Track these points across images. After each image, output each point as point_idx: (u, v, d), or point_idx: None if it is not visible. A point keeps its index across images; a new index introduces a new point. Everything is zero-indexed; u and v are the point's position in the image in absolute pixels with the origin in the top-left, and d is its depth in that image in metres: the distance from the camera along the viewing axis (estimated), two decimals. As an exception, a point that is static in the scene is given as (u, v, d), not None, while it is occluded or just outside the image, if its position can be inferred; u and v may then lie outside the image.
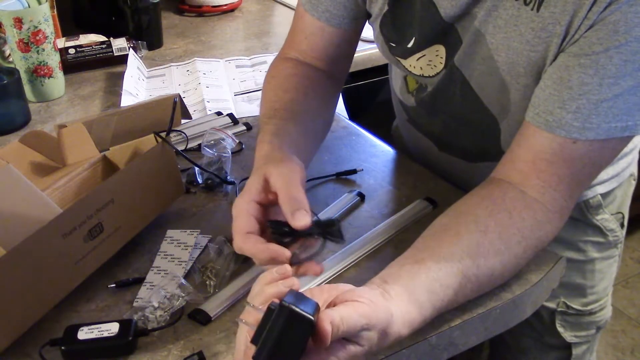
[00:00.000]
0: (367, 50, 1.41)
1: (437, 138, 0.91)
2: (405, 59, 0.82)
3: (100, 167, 0.78)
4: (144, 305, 0.67)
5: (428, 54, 0.79)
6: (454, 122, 0.85)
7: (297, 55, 0.86)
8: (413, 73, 0.83)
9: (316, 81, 0.84)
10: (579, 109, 0.63)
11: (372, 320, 0.53)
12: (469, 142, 0.87)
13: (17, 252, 0.60)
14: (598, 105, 0.62)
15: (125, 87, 1.16)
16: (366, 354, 0.54)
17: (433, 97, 0.83)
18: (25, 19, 1.09)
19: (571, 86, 0.63)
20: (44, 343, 0.63)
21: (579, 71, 0.62)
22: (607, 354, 1.90)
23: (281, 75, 0.83)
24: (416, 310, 0.59)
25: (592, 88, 0.62)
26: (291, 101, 0.78)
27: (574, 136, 0.64)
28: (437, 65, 0.79)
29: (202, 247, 0.77)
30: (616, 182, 0.91)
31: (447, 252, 0.63)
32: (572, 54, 0.63)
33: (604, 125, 0.63)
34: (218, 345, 0.64)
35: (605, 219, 0.91)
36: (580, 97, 0.63)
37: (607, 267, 0.95)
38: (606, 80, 0.61)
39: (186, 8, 1.64)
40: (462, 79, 0.76)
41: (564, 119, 0.64)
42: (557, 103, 0.64)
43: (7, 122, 1.07)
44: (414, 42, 0.79)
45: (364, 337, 0.53)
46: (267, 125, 0.74)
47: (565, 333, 0.96)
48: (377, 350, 0.56)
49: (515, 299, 0.69)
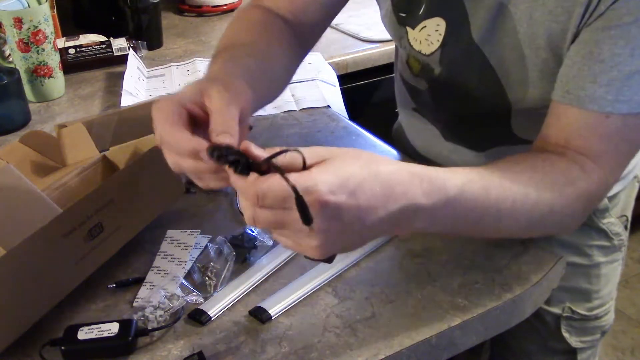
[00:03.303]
0: (367, 50, 1.42)
1: (445, 125, 0.90)
2: (414, 28, 0.81)
3: (100, 167, 0.78)
4: (144, 305, 0.67)
5: (429, 25, 0.78)
6: (466, 108, 0.84)
7: (271, 5, 0.83)
8: (413, 48, 0.82)
9: (284, 32, 0.80)
10: (612, 82, 0.62)
11: (333, 153, 0.51)
12: (478, 129, 0.86)
13: (17, 252, 0.60)
14: (630, 77, 0.62)
15: (125, 87, 1.16)
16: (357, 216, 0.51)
17: (448, 78, 0.81)
18: (25, 19, 1.09)
19: (602, 59, 0.62)
20: (44, 343, 0.63)
21: (609, 43, 0.62)
22: (607, 354, 1.90)
23: (246, 18, 0.81)
24: (437, 171, 0.56)
25: (624, 59, 0.61)
26: (253, 42, 0.75)
27: (607, 110, 0.63)
28: (433, 43, 0.79)
29: (202, 247, 0.77)
30: (621, 184, 0.90)
31: (474, 169, 0.61)
32: (600, 27, 0.63)
33: (636, 97, 0.62)
34: (218, 345, 0.64)
35: (611, 222, 0.90)
36: (611, 69, 0.62)
37: (612, 271, 0.95)
38: (637, 51, 0.61)
39: (186, 8, 1.64)
40: (482, 59, 0.75)
41: (596, 92, 0.63)
42: (588, 77, 0.64)
43: (7, 122, 1.07)
44: (424, 9, 0.78)
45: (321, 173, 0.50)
46: (222, 53, 0.71)
47: (570, 338, 0.95)
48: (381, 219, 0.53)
49: (515, 299, 0.69)
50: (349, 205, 0.51)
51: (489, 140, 0.86)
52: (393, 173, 0.54)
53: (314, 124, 1.08)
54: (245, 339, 0.65)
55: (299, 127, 1.07)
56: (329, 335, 0.65)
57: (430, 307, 0.68)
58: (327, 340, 0.64)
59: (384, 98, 1.45)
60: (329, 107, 1.14)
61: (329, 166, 0.51)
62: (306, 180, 0.49)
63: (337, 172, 0.51)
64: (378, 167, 0.53)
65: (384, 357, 0.62)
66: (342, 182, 0.50)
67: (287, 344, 0.64)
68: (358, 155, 0.54)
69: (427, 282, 0.71)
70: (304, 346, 0.64)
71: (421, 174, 0.56)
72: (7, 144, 1.00)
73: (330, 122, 1.08)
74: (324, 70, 1.29)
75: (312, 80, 1.23)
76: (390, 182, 0.53)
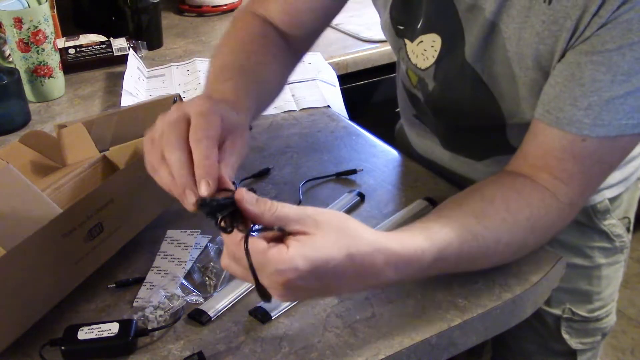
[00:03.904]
0: (367, 50, 1.42)
1: (442, 135, 0.91)
2: (412, 42, 0.81)
3: (100, 167, 0.78)
4: (144, 305, 0.67)
5: (425, 41, 0.79)
6: (461, 121, 0.85)
7: (265, 14, 0.84)
8: (410, 60, 0.83)
9: (280, 46, 0.82)
10: (590, 106, 0.63)
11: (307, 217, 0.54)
12: (475, 140, 0.87)
13: (17, 252, 0.60)
14: (609, 102, 0.62)
15: (125, 87, 1.16)
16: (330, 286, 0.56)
17: (441, 94, 0.82)
18: (25, 19, 1.09)
19: (583, 83, 0.63)
20: (44, 343, 0.63)
21: (591, 68, 0.62)
22: (607, 354, 1.90)
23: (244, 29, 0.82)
24: (409, 237, 0.60)
25: (604, 85, 0.62)
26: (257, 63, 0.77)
27: (585, 133, 0.64)
28: (428, 58, 0.79)
29: (202, 247, 0.77)
30: (623, 186, 0.90)
31: (449, 213, 0.64)
32: (584, 51, 0.63)
33: (614, 122, 0.63)
34: (218, 345, 0.64)
35: (613, 224, 0.90)
36: (592, 94, 0.63)
37: (614, 273, 0.95)
38: (618, 78, 0.61)
39: (186, 8, 1.64)
40: (475, 76, 0.76)
41: (575, 115, 0.64)
42: (568, 100, 0.64)
43: (7, 122, 1.07)
44: (421, 23, 0.79)
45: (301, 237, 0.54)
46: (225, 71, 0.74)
47: (570, 340, 0.95)
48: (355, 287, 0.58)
49: (515, 299, 0.69)
50: (316, 286, 0.55)
51: (486, 150, 0.87)
52: (368, 256, 0.56)
53: (314, 124, 1.08)
54: (245, 339, 0.65)
55: (299, 127, 1.07)
56: (329, 335, 0.65)
57: (430, 307, 0.68)
58: (327, 340, 0.64)
59: (384, 98, 1.45)
60: (329, 107, 1.14)
61: (308, 243, 0.53)
62: (279, 262, 0.52)
63: (314, 254, 0.53)
64: (357, 248, 0.55)
65: (384, 357, 0.62)
66: (314, 269, 0.53)
67: (287, 344, 0.64)
68: (341, 233, 0.55)
69: (427, 282, 0.71)
70: (304, 346, 0.64)
71: (401, 255, 0.58)
72: (7, 144, 1.00)
73: (330, 122, 1.08)
74: (324, 70, 1.29)
75: (312, 80, 1.23)
76: (364, 266, 0.56)
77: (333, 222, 0.55)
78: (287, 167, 0.95)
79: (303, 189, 0.88)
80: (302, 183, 0.89)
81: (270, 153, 0.98)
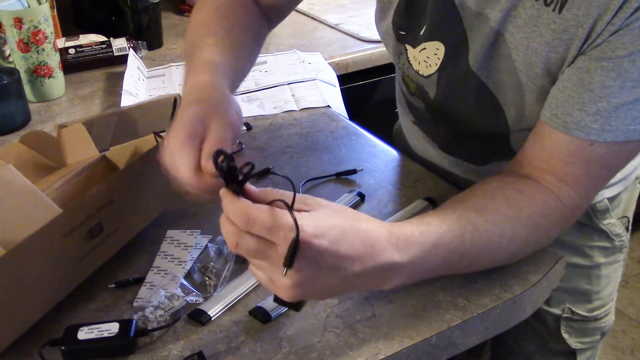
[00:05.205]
0: (367, 50, 1.42)
1: (444, 142, 0.91)
2: (414, 48, 0.81)
3: (100, 167, 0.78)
4: (144, 305, 0.67)
5: (429, 48, 0.79)
6: (464, 128, 0.85)
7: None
8: (412, 68, 0.83)
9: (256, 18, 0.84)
10: (599, 111, 0.63)
11: None
12: (477, 146, 0.87)
13: (17, 252, 0.60)
14: (618, 108, 0.62)
15: (125, 87, 1.16)
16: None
17: (444, 102, 0.82)
18: (25, 19, 1.09)
19: (592, 89, 0.63)
20: (44, 343, 0.63)
21: (601, 74, 0.62)
22: (607, 353, 1.90)
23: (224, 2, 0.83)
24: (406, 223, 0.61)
25: (614, 91, 0.62)
26: (230, 31, 0.78)
27: (592, 138, 0.64)
28: (431, 66, 0.79)
29: (202, 247, 0.77)
30: (622, 185, 0.90)
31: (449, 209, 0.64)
32: (594, 57, 0.63)
33: (622, 127, 0.63)
34: (218, 345, 0.64)
35: (612, 223, 0.91)
36: (600, 99, 0.63)
37: (613, 272, 0.95)
38: (628, 84, 0.61)
39: (186, 8, 1.64)
40: (479, 84, 0.76)
41: (583, 120, 0.64)
42: (576, 105, 0.64)
43: (7, 122, 1.07)
44: (425, 30, 0.79)
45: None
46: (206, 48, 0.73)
47: (570, 339, 0.95)
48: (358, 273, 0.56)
49: (515, 299, 0.69)
50: (330, 251, 0.53)
51: (488, 156, 0.87)
52: (373, 231, 0.58)
53: (314, 124, 1.08)
54: (245, 339, 0.65)
55: (299, 127, 1.07)
56: (329, 335, 0.65)
57: (430, 307, 0.68)
58: (327, 340, 0.64)
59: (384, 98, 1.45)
60: (329, 107, 1.14)
61: (314, 213, 0.54)
62: (288, 225, 0.51)
63: (322, 219, 0.54)
64: (360, 223, 0.57)
65: (384, 357, 0.62)
66: (326, 229, 0.53)
67: (287, 344, 0.64)
68: (342, 210, 0.58)
69: (427, 282, 0.71)
70: (304, 346, 0.64)
71: (398, 234, 0.59)
72: (7, 144, 1.00)
73: (330, 122, 1.08)
74: (324, 70, 1.29)
75: (312, 80, 1.23)
76: (370, 239, 0.57)
77: (333, 205, 0.57)
78: (287, 167, 0.95)
79: (303, 189, 0.89)
80: (302, 183, 0.89)
81: (270, 153, 0.98)
